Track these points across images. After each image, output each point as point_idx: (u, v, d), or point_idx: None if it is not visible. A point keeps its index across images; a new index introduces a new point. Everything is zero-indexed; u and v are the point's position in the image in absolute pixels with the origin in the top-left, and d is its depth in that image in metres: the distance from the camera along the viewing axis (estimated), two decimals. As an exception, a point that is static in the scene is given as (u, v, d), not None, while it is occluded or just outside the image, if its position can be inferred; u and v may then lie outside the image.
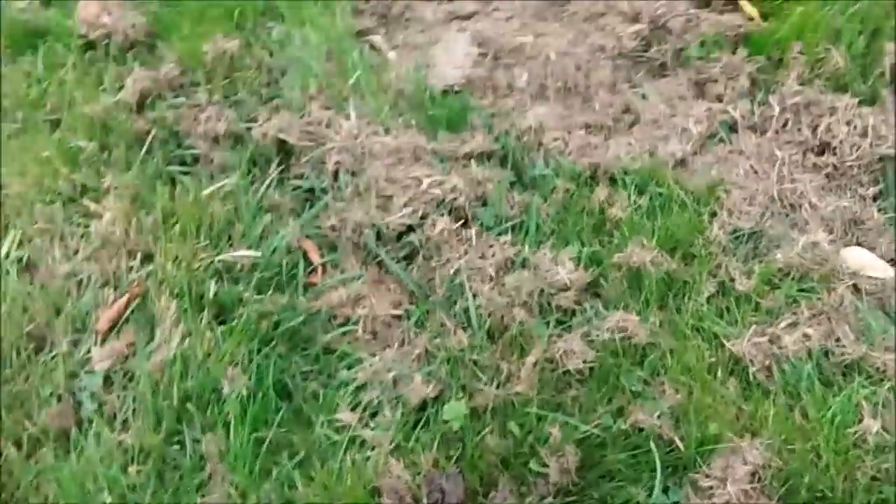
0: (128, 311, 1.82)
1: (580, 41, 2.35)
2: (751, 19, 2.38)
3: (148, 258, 1.91)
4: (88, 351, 1.77)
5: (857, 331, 1.75)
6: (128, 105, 2.20)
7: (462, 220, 1.93)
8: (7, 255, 1.93)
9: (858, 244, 1.92)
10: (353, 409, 1.67)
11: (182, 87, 2.27)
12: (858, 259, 1.88)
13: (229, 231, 1.94)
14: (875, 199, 2.01)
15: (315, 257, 1.92)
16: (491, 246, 1.88)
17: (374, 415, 1.67)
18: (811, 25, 2.27)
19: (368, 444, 1.63)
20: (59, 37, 2.39)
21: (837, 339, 1.73)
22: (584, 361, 1.69)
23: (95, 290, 1.86)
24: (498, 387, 1.68)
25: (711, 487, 1.55)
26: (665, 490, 1.58)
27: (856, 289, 1.82)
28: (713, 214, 1.94)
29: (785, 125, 2.13)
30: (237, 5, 2.41)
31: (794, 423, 1.61)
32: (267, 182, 2.03)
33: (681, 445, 1.61)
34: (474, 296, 1.80)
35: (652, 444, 1.60)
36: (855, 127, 2.06)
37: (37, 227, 1.97)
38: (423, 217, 1.93)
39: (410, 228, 1.92)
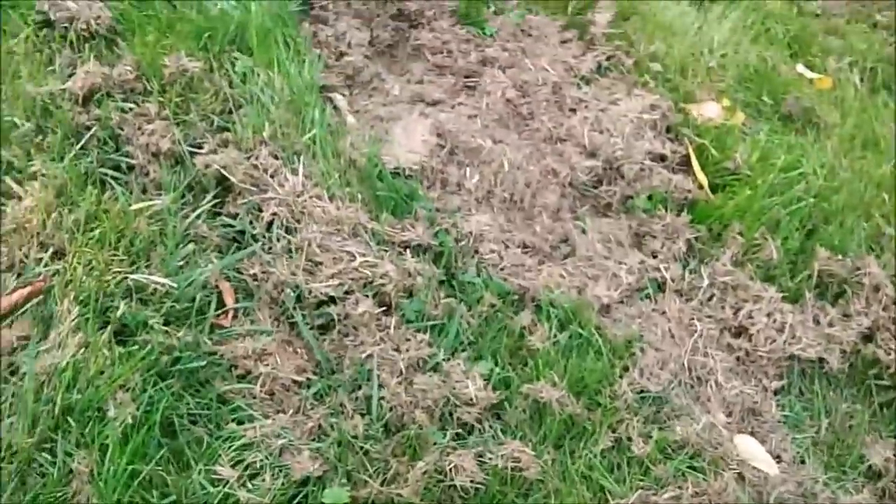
0: (27, 304, 1.84)
1: (535, 159, 2.50)
2: (700, 187, 2.56)
3: (59, 255, 1.94)
4: (-24, 332, 1.79)
5: (733, 520, 1.89)
6: (74, 95, 2.23)
7: (385, 307, 2.01)
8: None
9: (752, 434, 2.08)
10: (233, 466, 1.72)
11: (133, 92, 2.30)
12: (749, 449, 2.03)
13: (149, 251, 1.99)
14: (776, 393, 2.18)
15: (229, 300, 1.98)
16: (408, 340, 1.97)
17: (253, 477, 1.72)
18: (754, 211, 2.46)
19: (241, 506, 1.68)
20: (17, 5, 2.42)
21: (713, 525, 1.87)
22: (473, 481, 1.78)
23: (-3, 271, 1.88)
24: (383, 483, 1.75)
25: None
26: None
27: (741, 478, 1.96)
28: (625, 369, 2.07)
29: (710, 299, 2.30)
30: (208, 27, 2.47)
31: None
32: (198, 212, 2.09)
33: None
34: (380, 386, 1.88)
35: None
36: (774, 320, 2.24)
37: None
38: (347, 292, 2.00)
39: (332, 300, 1.99)
